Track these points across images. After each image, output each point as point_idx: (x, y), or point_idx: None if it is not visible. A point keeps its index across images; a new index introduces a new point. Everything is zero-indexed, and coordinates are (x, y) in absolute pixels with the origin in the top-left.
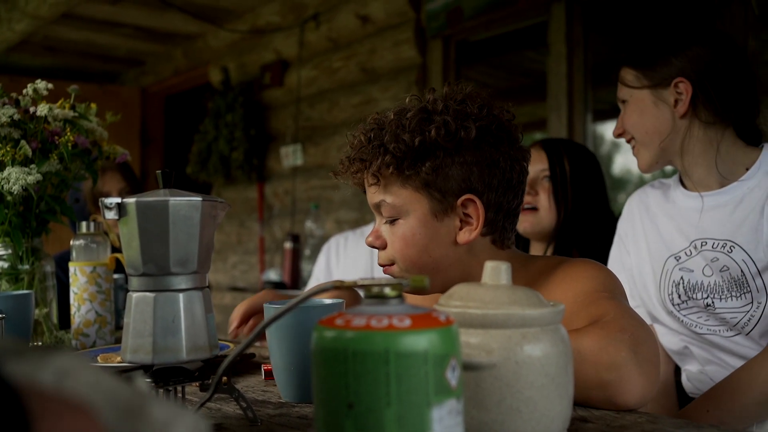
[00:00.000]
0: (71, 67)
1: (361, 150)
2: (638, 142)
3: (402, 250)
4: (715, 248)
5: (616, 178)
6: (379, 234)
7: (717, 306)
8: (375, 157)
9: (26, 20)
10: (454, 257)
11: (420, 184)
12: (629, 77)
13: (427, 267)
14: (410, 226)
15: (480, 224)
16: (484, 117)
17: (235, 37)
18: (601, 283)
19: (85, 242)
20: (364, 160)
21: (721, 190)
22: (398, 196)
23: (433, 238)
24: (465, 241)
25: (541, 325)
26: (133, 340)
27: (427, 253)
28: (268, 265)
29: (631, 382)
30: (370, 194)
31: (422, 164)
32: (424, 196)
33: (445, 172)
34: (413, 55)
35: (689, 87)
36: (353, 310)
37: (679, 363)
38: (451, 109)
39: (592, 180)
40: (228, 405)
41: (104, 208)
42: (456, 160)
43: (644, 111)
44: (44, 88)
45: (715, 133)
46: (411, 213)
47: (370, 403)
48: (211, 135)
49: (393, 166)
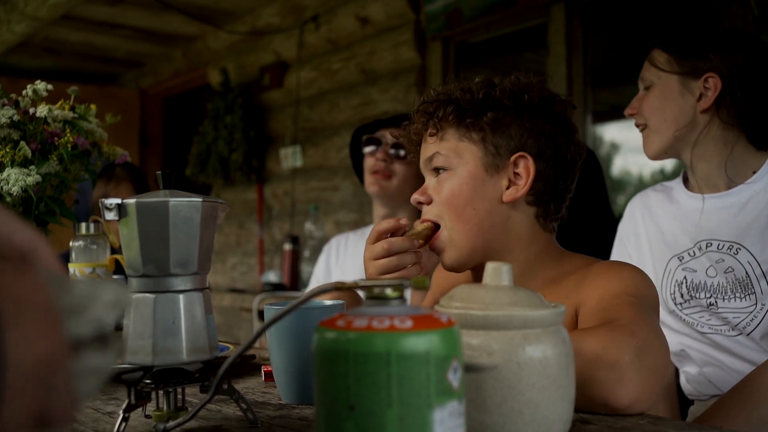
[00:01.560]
0: (70, 69)
1: (426, 104)
2: (651, 129)
3: (448, 201)
4: (721, 249)
5: (615, 180)
6: (426, 190)
7: (720, 306)
8: (439, 107)
9: (25, 22)
10: (497, 216)
11: (478, 136)
12: (661, 59)
13: (470, 221)
14: (459, 177)
15: (528, 183)
16: (548, 93)
17: (234, 39)
18: (632, 286)
19: (85, 243)
20: (427, 113)
21: (727, 192)
22: (454, 147)
23: (480, 191)
24: (511, 198)
25: (542, 327)
26: (133, 341)
27: (472, 205)
28: (268, 266)
29: (628, 384)
30: (425, 147)
31: (484, 114)
32: (479, 149)
33: (503, 129)
34: (413, 57)
35: (719, 84)
36: (354, 312)
37: (677, 364)
38: (519, 81)
39: (592, 181)
40: (228, 406)
41: (104, 209)
42: (516, 120)
43: (668, 97)
44: (44, 89)
45: (731, 135)
46: (463, 165)
47: (371, 405)
48: (211, 136)
49: (455, 114)
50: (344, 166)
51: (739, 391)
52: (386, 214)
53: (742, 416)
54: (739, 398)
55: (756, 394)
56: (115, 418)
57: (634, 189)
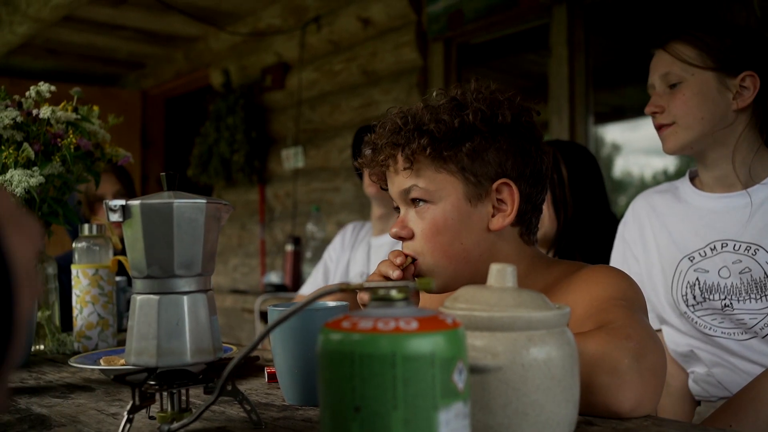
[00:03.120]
0: (72, 70)
1: (394, 134)
2: (681, 126)
3: (433, 238)
4: (737, 250)
5: (616, 181)
6: (405, 223)
7: (735, 307)
8: (411, 139)
9: (28, 23)
10: (485, 245)
11: (456, 167)
12: (690, 54)
13: (457, 256)
14: (442, 211)
15: (514, 210)
16: (516, 107)
17: (236, 40)
18: (619, 290)
19: (88, 245)
20: (397, 145)
21: (741, 192)
22: (432, 180)
23: (465, 224)
24: (499, 226)
25: (547, 328)
26: (137, 342)
27: (459, 239)
28: (269, 267)
29: (630, 389)
30: (399, 180)
31: (462, 146)
32: (459, 180)
33: (481, 156)
34: (414, 58)
35: (757, 83)
36: (360, 313)
37: (685, 365)
38: (484, 98)
39: (590, 182)
40: (232, 408)
41: (108, 211)
42: (492, 144)
43: (706, 95)
44: (47, 91)
45: (757, 135)
46: (444, 198)
47: (376, 407)
48: (212, 137)
49: (431, 147)
50: (346, 167)
51: (746, 392)
52: (383, 214)
53: (750, 418)
54: (745, 400)
55: (764, 395)
56: (120, 420)
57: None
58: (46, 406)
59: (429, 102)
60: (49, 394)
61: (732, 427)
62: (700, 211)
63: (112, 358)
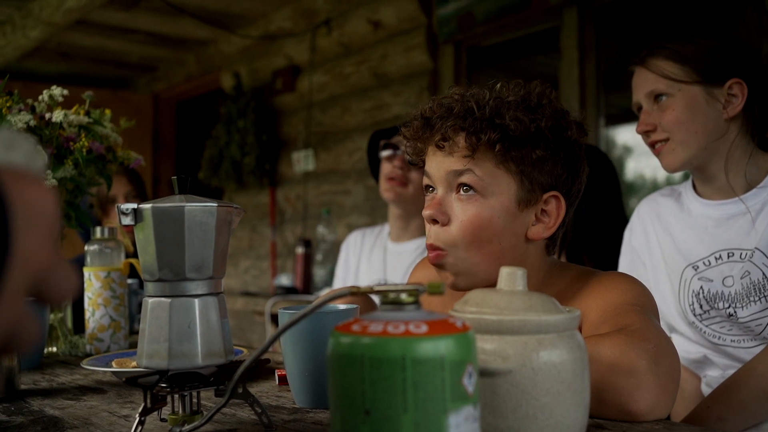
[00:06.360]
0: (84, 73)
1: (461, 118)
2: (677, 142)
3: (474, 231)
4: (744, 258)
5: (628, 183)
6: (444, 207)
7: (740, 315)
8: (481, 129)
9: (40, 27)
10: (517, 251)
11: (517, 168)
12: (673, 70)
13: (492, 256)
14: (491, 207)
15: (557, 223)
16: (579, 130)
17: (246, 43)
18: (633, 296)
19: (100, 248)
20: (463, 129)
21: (741, 197)
22: (489, 172)
23: (509, 226)
24: (538, 236)
25: (557, 332)
26: (149, 345)
27: (498, 240)
28: (280, 270)
29: (647, 390)
30: (451, 161)
31: (531, 150)
32: (515, 181)
33: (541, 165)
34: (425, 60)
35: (745, 89)
36: (370, 316)
37: (697, 371)
38: (551, 105)
39: (605, 184)
40: (243, 410)
41: (120, 214)
42: (555, 156)
43: (696, 109)
44: (60, 95)
45: (749, 140)
46: (496, 194)
47: (386, 410)
48: (223, 140)
49: (501, 144)
50: (356, 169)
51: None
52: (400, 215)
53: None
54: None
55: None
56: (131, 422)
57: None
58: (59, 408)
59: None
60: (62, 396)
61: (710, 408)
62: (703, 220)
63: (123, 360)
